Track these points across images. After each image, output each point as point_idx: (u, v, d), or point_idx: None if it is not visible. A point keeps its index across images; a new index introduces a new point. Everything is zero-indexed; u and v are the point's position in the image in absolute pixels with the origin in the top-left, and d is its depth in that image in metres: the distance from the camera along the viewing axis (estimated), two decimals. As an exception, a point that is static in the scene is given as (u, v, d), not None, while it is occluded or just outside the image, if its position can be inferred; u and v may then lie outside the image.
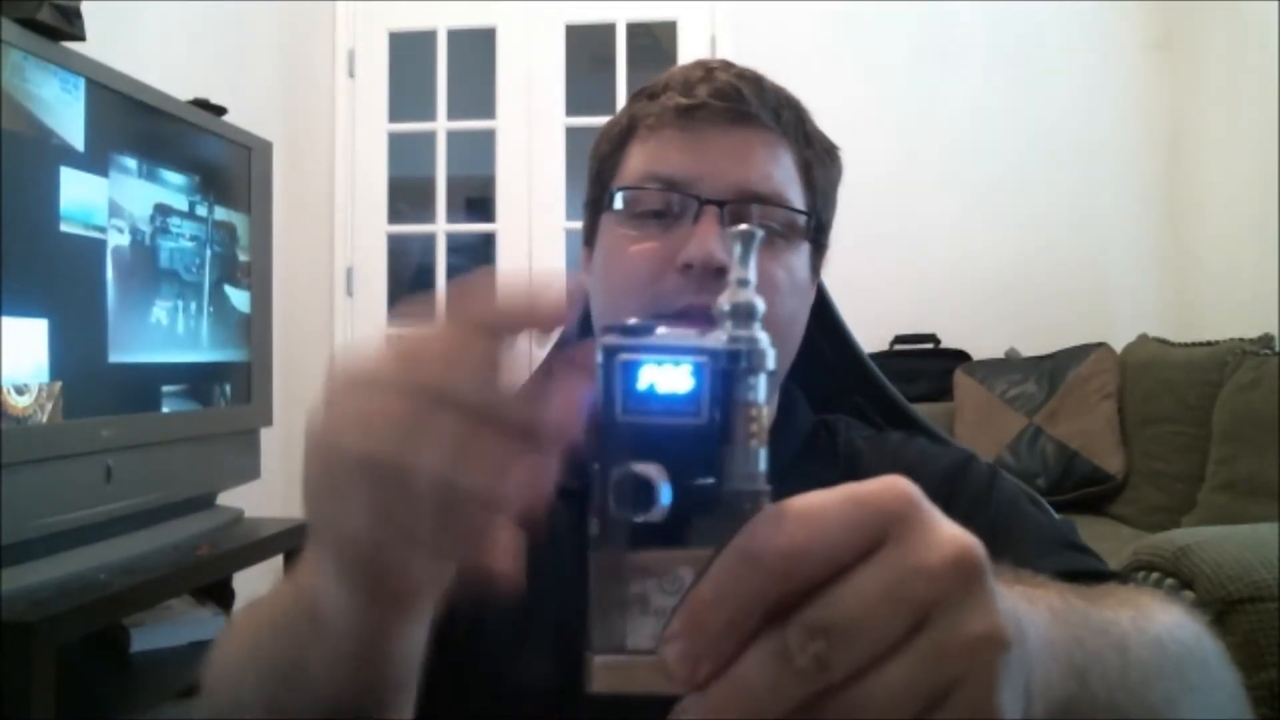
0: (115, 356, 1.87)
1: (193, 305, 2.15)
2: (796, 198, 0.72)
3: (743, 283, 0.30)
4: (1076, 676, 0.38)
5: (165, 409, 2.03)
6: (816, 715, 0.27)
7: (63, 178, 1.72)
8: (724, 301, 0.30)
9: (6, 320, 1.57)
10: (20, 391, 1.61)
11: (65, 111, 1.75)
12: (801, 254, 0.73)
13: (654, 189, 0.71)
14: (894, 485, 0.28)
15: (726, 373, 0.29)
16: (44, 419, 1.64)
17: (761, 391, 0.29)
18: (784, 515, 0.27)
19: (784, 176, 0.71)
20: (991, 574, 0.28)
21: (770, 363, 0.29)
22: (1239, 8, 2.83)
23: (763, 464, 0.29)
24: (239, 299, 2.35)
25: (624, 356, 0.29)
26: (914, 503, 0.28)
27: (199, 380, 2.18)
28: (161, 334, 2.04)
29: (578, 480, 0.29)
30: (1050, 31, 3.21)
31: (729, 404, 0.29)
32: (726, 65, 0.74)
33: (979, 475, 0.71)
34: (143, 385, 1.97)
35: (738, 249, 0.31)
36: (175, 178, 2.07)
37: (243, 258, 2.37)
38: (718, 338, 0.29)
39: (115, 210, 1.88)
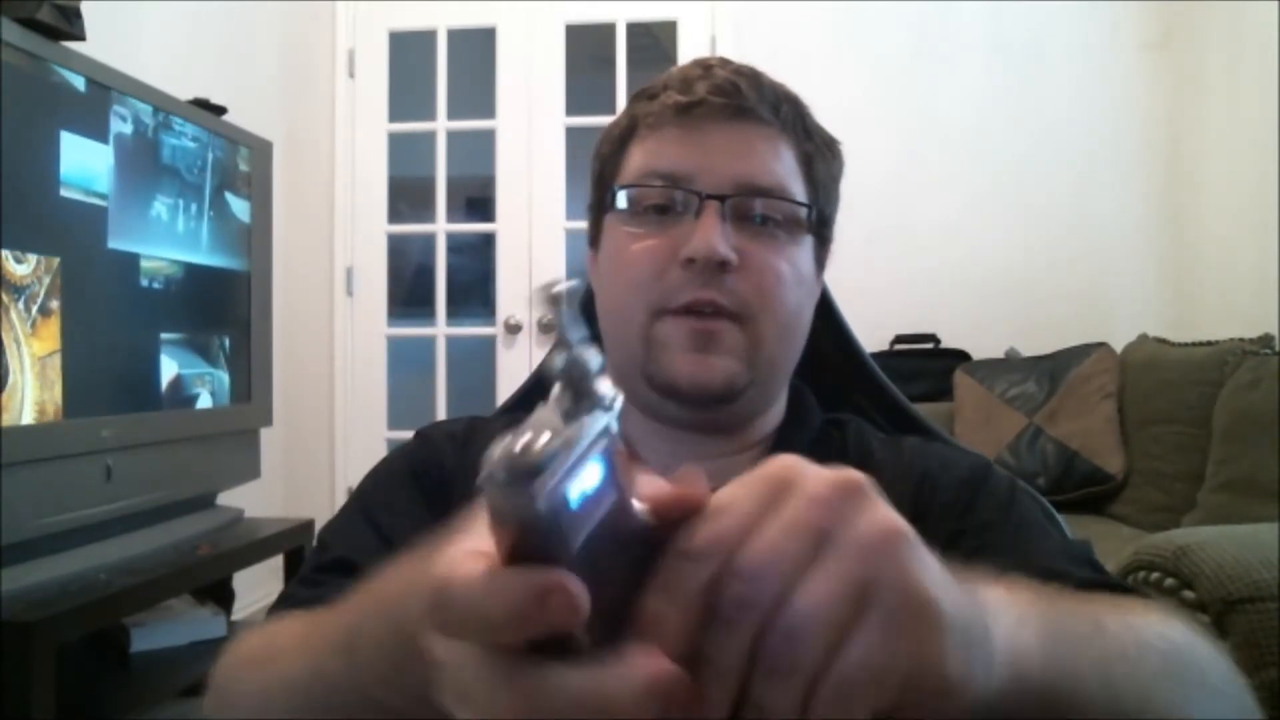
0: (114, 243, 1.89)
1: (194, 207, 2.16)
2: (798, 191, 0.72)
3: (568, 342, 0.30)
4: (1057, 653, 0.38)
5: (164, 356, 2.05)
6: (763, 654, 0.29)
7: (63, 141, 1.75)
8: (559, 360, 0.30)
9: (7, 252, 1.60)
10: (19, 260, 1.63)
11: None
12: (805, 247, 0.73)
13: (655, 186, 0.71)
14: (781, 458, 0.32)
15: (609, 437, 0.30)
16: (41, 291, 1.66)
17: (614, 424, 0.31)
18: (706, 512, 0.30)
19: (785, 170, 0.71)
20: (875, 489, 0.31)
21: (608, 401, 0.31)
22: (1239, 7, 2.83)
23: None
24: (239, 208, 2.35)
25: (548, 498, 0.26)
26: (797, 464, 0.32)
27: (197, 317, 2.18)
28: (161, 229, 2.05)
29: None
30: (1050, 31, 3.21)
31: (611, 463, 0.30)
32: (724, 62, 0.74)
33: (1000, 486, 0.70)
34: (139, 291, 1.97)
35: (562, 308, 0.31)
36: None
37: (243, 168, 2.37)
38: (595, 417, 0.30)
39: (118, 99, 1.90)
